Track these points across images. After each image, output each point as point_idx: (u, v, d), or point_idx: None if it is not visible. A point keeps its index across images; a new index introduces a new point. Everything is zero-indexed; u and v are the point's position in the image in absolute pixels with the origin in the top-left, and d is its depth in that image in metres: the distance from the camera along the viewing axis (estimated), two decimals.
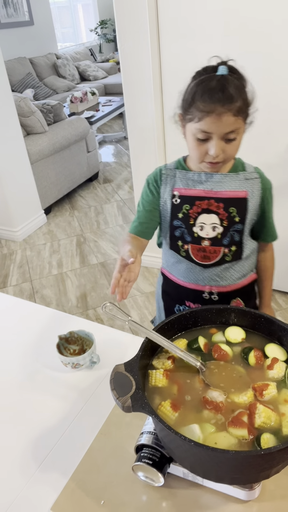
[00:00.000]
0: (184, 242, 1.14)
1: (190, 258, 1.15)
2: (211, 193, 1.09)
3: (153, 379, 0.79)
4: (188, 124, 1.00)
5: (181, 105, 1.01)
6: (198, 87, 0.94)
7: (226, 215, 1.09)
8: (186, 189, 1.11)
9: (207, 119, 0.93)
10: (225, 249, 1.12)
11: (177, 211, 1.12)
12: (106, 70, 7.47)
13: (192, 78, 1.00)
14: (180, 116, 1.04)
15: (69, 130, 3.76)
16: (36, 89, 5.93)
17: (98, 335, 1.12)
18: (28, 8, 6.40)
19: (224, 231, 1.10)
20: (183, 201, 1.11)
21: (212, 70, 0.95)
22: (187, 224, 1.12)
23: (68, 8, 8.04)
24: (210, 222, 1.10)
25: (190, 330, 0.91)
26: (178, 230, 1.13)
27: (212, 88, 0.92)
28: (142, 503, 0.78)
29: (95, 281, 2.80)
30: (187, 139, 1.03)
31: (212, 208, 1.09)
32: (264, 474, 0.68)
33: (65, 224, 3.59)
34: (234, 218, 1.09)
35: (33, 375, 1.09)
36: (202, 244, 1.12)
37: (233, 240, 1.11)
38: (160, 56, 2.08)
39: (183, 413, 0.74)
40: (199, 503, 0.77)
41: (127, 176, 4.44)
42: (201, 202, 1.09)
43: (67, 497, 0.80)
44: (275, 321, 0.85)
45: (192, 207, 1.10)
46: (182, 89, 1.01)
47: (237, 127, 0.95)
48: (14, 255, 3.19)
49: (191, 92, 0.96)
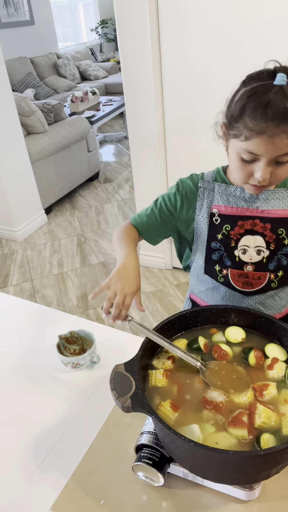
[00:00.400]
0: (223, 266, 1.01)
1: (230, 285, 1.02)
2: (256, 212, 0.95)
3: (153, 379, 0.79)
4: (233, 140, 0.83)
5: (226, 114, 0.84)
6: (249, 99, 0.77)
7: (273, 237, 0.96)
8: (227, 207, 0.97)
9: (256, 140, 0.77)
10: (270, 274, 0.99)
11: (216, 231, 0.99)
12: (107, 70, 7.47)
13: (241, 84, 0.82)
14: (224, 126, 0.86)
15: (69, 130, 3.76)
16: (36, 89, 5.93)
17: (98, 335, 1.12)
18: (29, 8, 6.40)
19: (271, 255, 0.97)
20: (223, 221, 0.98)
21: (267, 77, 0.77)
22: (227, 247, 0.99)
23: (69, 8, 8.04)
24: (255, 245, 0.97)
25: (190, 330, 0.91)
26: (217, 253, 1.00)
27: (265, 103, 0.74)
28: (142, 503, 0.78)
29: (95, 281, 2.80)
30: (230, 156, 0.88)
31: (257, 229, 0.96)
32: (264, 474, 0.68)
33: (66, 224, 3.59)
34: (283, 241, 0.96)
35: (33, 375, 1.09)
36: (244, 269, 0.99)
37: (281, 264, 0.98)
38: (161, 55, 2.08)
39: (183, 413, 0.74)
40: (199, 503, 0.77)
41: (128, 175, 4.44)
42: (244, 222, 0.96)
43: (67, 497, 0.80)
44: (275, 321, 0.85)
45: (233, 228, 0.97)
46: (229, 95, 0.84)
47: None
48: (14, 254, 3.20)
49: (240, 103, 0.79)
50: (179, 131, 2.26)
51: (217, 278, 1.03)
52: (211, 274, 1.04)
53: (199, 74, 2.04)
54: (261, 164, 0.80)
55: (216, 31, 1.90)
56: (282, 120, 0.73)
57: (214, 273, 1.03)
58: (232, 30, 1.86)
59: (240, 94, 0.80)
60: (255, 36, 1.83)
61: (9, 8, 6.06)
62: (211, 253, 1.01)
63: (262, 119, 0.74)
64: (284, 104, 0.73)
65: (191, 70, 2.05)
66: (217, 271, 1.03)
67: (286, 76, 0.74)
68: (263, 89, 0.75)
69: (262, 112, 0.74)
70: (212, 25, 1.89)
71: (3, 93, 2.99)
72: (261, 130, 0.75)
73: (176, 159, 2.37)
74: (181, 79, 2.10)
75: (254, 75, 0.79)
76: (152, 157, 2.42)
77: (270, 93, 0.74)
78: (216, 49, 1.94)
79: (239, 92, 0.80)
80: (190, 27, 1.95)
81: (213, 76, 2.00)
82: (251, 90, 0.77)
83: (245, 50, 1.87)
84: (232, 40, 1.88)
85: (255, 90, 0.76)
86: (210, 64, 1.99)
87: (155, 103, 2.21)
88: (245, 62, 1.89)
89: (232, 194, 0.96)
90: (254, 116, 0.75)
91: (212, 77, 2.00)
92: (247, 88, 0.78)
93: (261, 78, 0.77)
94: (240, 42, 1.87)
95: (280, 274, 0.99)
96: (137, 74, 2.21)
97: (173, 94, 2.17)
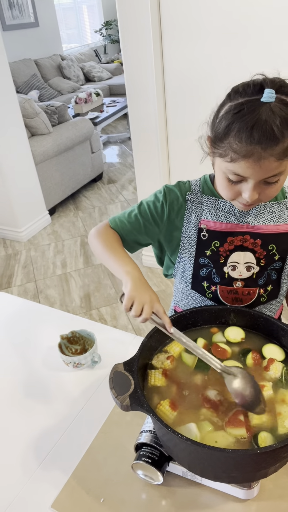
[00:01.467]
0: (211, 283, 0.97)
1: (218, 301, 0.99)
2: (246, 228, 0.91)
3: (152, 378, 0.80)
4: (218, 159, 0.78)
5: (211, 129, 0.78)
6: (234, 118, 0.70)
7: (264, 253, 0.93)
8: (216, 223, 0.92)
9: (241, 163, 0.72)
10: (260, 289, 0.96)
11: (204, 247, 0.94)
12: (111, 71, 7.49)
13: (226, 96, 0.75)
14: (209, 141, 0.79)
15: (73, 131, 3.78)
16: (41, 90, 5.96)
17: (100, 335, 1.13)
18: (33, 10, 6.44)
19: (261, 271, 0.94)
20: (212, 237, 0.93)
21: (254, 92, 0.70)
22: (216, 263, 0.95)
23: (73, 9, 8.07)
24: (245, 261, 0.93)
25: (190, 330, 0.92)
26: (205, 269, 0.96)
27: (251, 125, 0.67)
28: (142, 501, 0.79)
29: (98, 282, 2.81)
30: (216, 174, 0.83)
31: (247, 245, 0.92)
32: (261, 473, 0.69)
33: (69, 225, 3.60)
34: (274, 256, 0.93)
35: (35, 374, 1.10)
36: (234, 286, 0.96)
37: (270, 279, 0.96)
38: (163, 57, 2.09)
39: (182, 412, 0.75)
40: (198, 501, 0.78)
41: (131, 176, 4.45)
42: (234, 238, 0.92)
43: (67, 494, 0.81)
44: (274, 321, 0.86)
45: (223, 244, 0.93)
46: (214, 107, 0.78)
47: (281, 170, 0.74)
48: (18, 255, 3.22)
49: (225, 121, 0.72)
50: (182, 132, 2.26)
51: (205, 294, 0.99)
52: (198, 290, 1.00)
53: (202, 75, 2.05)
54: (249, 185, 0.76)
55: (218, 33, 1.90)
56: (270, 143, 0.67)
57: (202, 289, 0.99)
58: (234, 31, 1.87)
59: (225, 110, 0.74)
60: (258, 38, 1.83)
61: (13, 10, 6.10)
62: (199, 269, 0.97)
63: (248, 141, 0.68)
64: (271, 125, 0.66)
65: (193, 72, 2.06)
66: (205, 287, 0.98)
67: (274, 92, 0.68)
68: (250, 107, 0.68)
69: (248, 134, 0.68)
70: (214, 26, 1.90)
71: (7, 95, 3.02)
72: (247, 153, 0.70)
73: (178, 160, 2.38)
74: (183, 80, 2.11)
75: (240, 88, 0.73)
76: (154, 158, 2.43)
77: (257, 112, 0.67)
78: (218, 50, 1.95)
79: (224, 107, 0.74)
80: (192, 29, 1.95)
81: (215, 77, 2.01)
82: (236, 106, 0.70)
83: (247, 51, 1.87)
84: (234, 42, 1.89)
85: (240, 108, 0.69)
86: (212, 65, 1.99)
87: (157, 105, 2.22)
88: (247, 63, 1.90)
89: (221, 209, 0.92)
90: (239, 139, 0.69)
91: (215, 79, 2.01)
92: (232, 103, 0.72)
93: (248, 93, 0.71)
94: (242, 43, 1.87)
95: (269, 288, 0.97)
96: (140, 76, 2.22)
97: (176, 96, 2.18)
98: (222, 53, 1.94)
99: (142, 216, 0.97)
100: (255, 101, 0.69)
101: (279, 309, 1.07)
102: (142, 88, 2.25)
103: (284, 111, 0.68)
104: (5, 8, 5.97)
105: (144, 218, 0.96)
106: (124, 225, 0.98)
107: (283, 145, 0.69)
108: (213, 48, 1.96)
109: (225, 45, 1.91)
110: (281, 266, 0.95)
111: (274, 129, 0.67)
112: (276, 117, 0.67)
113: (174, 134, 2.29)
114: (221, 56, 1.95)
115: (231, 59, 1.92)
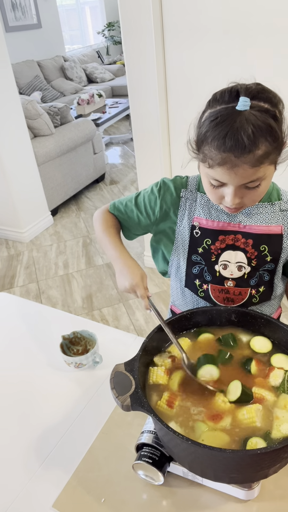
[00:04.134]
0: (203, 281, 0.98)
1: (210, 300, 0.99)
2: (238, 227, 0.92)
3: (154, 375, 0.80)
4: (201, 164, 0.80)
5: (195, 133, 0.79)
6: (210, 125, 0.72)
7: (255, 253, 0.93)
8: (208, 220, 0.93)
9: (218, 169, 0.74)
10: (252, 290, 0.96)
11: (196, 245, 0.95)
12: (113, 72, 7.50)
13: (207, 104, 0.77)
14: (195, 147, 0.80)
15: (75, 132, 3.79)
16: (43, 92, 5.98)
17: (101, 336, 1.13)
18: (36, 11, 6.45)
19: (252, 271, 0.94)
20: (204, 234, 0.94)
21: (230, 99, 0.72)
22: (207, 261, 0.95)
23: (76, 11, 8.09)
24: (236, 261, 0.94)
25: (191, 330, 0.92)
26: (197, 266, 0.97)
27: (224, 133, 0.69)
28: (142, 501, 0.79)
29: (100, 282, 2.82)
30: (202, 178, 0.86)
31: (239, 244, 0.92)
32: (262, 473, 0.69)
33: (72, 226, 3.61)
34: (265, 258, 0.93)
35: (37, 374, 1.10)
36: (225, 285, 0.96)
37: (262, 280, 0.95)
38: (165, 58, 2.09)
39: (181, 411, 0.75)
40: (199, 502, 0.78)
41: (134, 177, 4.46)
42: (225, 237, 0.93)
43: (68, 494, 0.81)
44: (274, 321, 0.86)
45: (214, 242, 0.94)
46: (199, 112, 0.80)
47: (259, 176, 0.75)
48: (21, 256, 3.22)
49: (203, 128, 0.75)
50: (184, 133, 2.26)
51: (197, 293, 1.00)
52: (191, 288, 1.01)
53: (204, 76, 2.05)
54: (229, 190, 0.77)
55: (220, 34, 1.90)
56: (241, 151, 0.69)
57: (194, 288, 1.00)
58: (236, 32, 1.87)
59: (204, 117, 0.75)
60: (260, 38, 1.83)
61: (16, 11, 6.12)
62: (192, 266, 0.98)
63: (221, 149, 0.70)
64: (243, 135, 0.68)
65: (195, 73, 2.06)
66: (197, 285, 0.99)
67: (249, 100, 0.69)
68: (224, 115, 0.70)
69: (221, 143, 0.70)
70: (216, 27, 1.90)
71: (10, 96, 3.03)
72: (221, 161, 0.71)
73: (180, 161, 2.38)
74: (185, 81, 2.12)
75: (218, 95, 0.75)
76: (157, 159, 2.43)
77: (230, 120, 0.69)
78: (220, 51, 1.95)
79: (204, 114, 0.76)
80: (194, 30, 1.96)
81: (218, 79, 2.01)
82: (213, 114, 0.72)
83: (249, 53, 1.87)
84: (237, 42, 1.89)
85: (217, 116, 0.71)
86: (215, 67, 2.00)
87: (159, 106, 2.22)
88: (249, 64, 1.90)
89: (214, 207, 0.93)
90: (213, 146, 0.71)
91: (217, 80, 2.01)
92: (211, 110, 0.74)
93: (224, 100, 0.72)
94: (244, 44, 1.87)
95: (261, 289, 0.96)
96: (142, 77, 2.22)
97: (178, 97, 2.18)
98: (224, 54, 1.94)
99: (137, 207, 1.01)
100: (230, 109, 0.70)
101: (276, 312, 1.07)
102: (144, 89, 2.25)
103: (259, 119, 0.69)
104: (8, 9, 5.99)
105: (138, 210, 1.01)
106: (120, 213, 1.04)
107: (257, 152, 0.69)
108: (215, 49, 1.96)
109: (227, 46, 1.92)
110: (273, 267, 0.95)
111: (245, 139, 0.68)
112: (249, 125, 0.68)
113: (176, 135, 2.30)
114: (223, 57, 1.95)
115: (233, 61, 1.92)
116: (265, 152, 0.70)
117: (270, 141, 0.70)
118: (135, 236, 1.08)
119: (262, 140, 0.69)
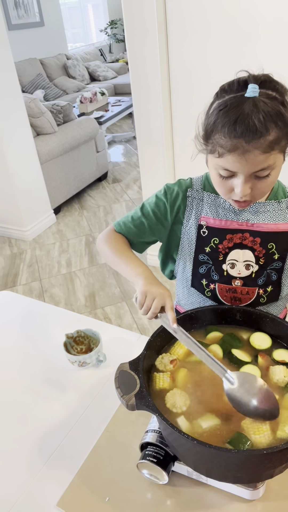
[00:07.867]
0: (210, 281, 0.97)
1: (217, 299, 0.98)
2: (245, 225, 0.91)
3: (160, 381, 0.80)
4: (209, 155, 0.80)
5: (202, 127, 0.79)
6: (219, 114, 0.73)
7: (263, 251, 0.92)
8: (215, 219, 0.93)
9: (228, 157, 0.73)
10: (259, 289, 0.95)
11: (203, 244, 0.95)
12: (116, 70, 7.49)
13: (214, 96, 0.78)
14: (201, 139, 0.81)
15: (78, 131, 3.78)
16: (46, 90, 5.97)
17: (105, 334, 1.13)
18: (39, 9, 6.44)
19: (260, 270, 0.94)
20: (212, 233, 0.93)
21: (238, 88, 0.73)
22: (215, 260, 0.95)
23: (78, 9, 8.08)
24: (244, 260, 0.93)
25: (194, 329, 0.91)
26: (204, 266, 0.96)
27: (234, 119, 0.70)
28: (147, 500, 0.79)
29: (103, 281, 2.82)
30: (210, 172, 0.85)
31: (247, 243, 0.92)
32: (267, 473, 0.68)
33: (74, 224, 3.61)
34: (273, 256, 0.93)
35: (41, 373, 1.10)
36: (232, 284, 0.95)
37: (270, 279, 0.95)
38: (168, 56, 2.08)
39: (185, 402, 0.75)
40: (203, 501, 0.77)
41: (136, 176, 4.45)
42: (233, 236, 0.92)
43: (72, 493, 0.81)
44: (279, 321, 0.85)
45: (222, 241, 0.93)
46: (206, 105, 0.80)
47: (269, 164, 0.74)
48: (23, 254, 3.23)
49: (212, 118, 0.75)
50: (187, 131, 2.26)
51: (204, 293, 0.99)
52: (198, 288, 1.00)
53: (207, 74, 2.04)
54: (239, 180, 0.77)
55: (224, 31, 1.89)
56: (253, 136, 0.69)
57: (201, 287, 0.99)
58: (240, 30, 1.86)
59: (213, 107, 0.76)
60: (263, 38, 1.82)
61: (19, 9, 6.11)
62: (199, 266, 0.97)
63: (231, 136, 0.70)
64: (254, 119, 0.68)
65: (199, 70, 2.05)
66: (204, 285, 0.98)
67: (258, 87, 0.70)
68: (234, 103, 0.71)
69: (230, 128, 0.70)
70: (220, 25, 1.89)
71: (13, 95, 3.02)
72: (232, 147, 0.71)
73: (184, 159, 2.37)
74: (189, 79, 2.11)
75: (226, 86, 0.76)
76: (160, 158, 2.42)
77: (240, 107, 0.70)
78: (224, 49, 1.94)
79: (213, 106, 0.77)
80: (198, 27, 1.95)
81: (221, 76, 1.99)
82: (222, 103, 0.73)
83: (253, 51, 1.86)
84: (240, 40, 1.88)
85: (226, 104, 0.72)
86: (218, 64, 1.99)
87: (162, 104, 2.21)
88: (253, 61, 1.88)
89: (221, 206, 0.93)
90: (224, 133, 0.71)
91: (221, 78, 2.00)
92: (219, 101, 0.75)
93: (233, 90, 0.74)
94: (248, 42, 1.86)
95: (269, 289, 0.96)
96: (145, 75, 2.21)
97: (181, 95, 2.17)
98: (228, 52, 1.93)
99: (146, 218, 0.99)
100: (239, 97, 0.71)
101: (282, 312, 1.06)
102: (148, 87, 2.24)
103: (268, 105, 0.69)
104: (11, 7, 5.98)
105: (148, 220, 0.99)
106: (130, 229, 1.00)
107: (268, 138, 0.70)
108: (219, 47, 1.95)
109: (231, 43, 1.91)
110: (281, 266, 0.94)
111: (256, 122, 0.68)
112: (259, 110, 0.69)
113: (179, 133, 2.29)
114: (227, 55, 1.94)
115: (237, 58, 1.91)
116: (275, 138, 0.70)
117: (280, 126, 0.70)
118: (147, 247, 1.06)
119: (272, 126, 0.69)
